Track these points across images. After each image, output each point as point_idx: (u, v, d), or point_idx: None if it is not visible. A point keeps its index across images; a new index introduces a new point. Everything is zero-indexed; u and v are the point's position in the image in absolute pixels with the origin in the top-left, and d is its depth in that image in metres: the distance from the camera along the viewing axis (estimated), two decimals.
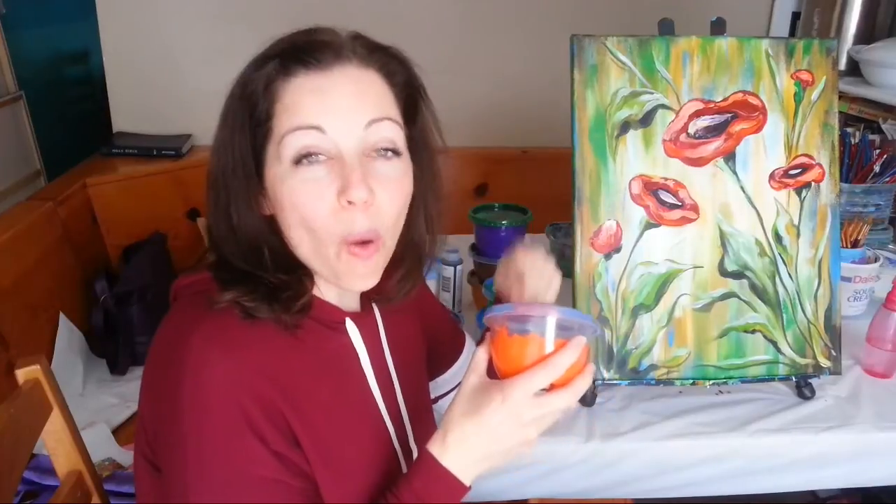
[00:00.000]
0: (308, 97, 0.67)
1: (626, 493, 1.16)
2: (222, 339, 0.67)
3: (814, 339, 1.22)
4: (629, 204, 1.18)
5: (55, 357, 1.51)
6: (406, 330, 0.90)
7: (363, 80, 0.70)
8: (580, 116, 1.17)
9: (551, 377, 0.67)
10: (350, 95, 0.68)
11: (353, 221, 0.68)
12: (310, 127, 0.67)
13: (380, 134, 0.70)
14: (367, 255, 0.70)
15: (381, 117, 0.70)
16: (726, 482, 1.16)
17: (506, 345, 0.69)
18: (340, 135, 0.68)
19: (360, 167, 0.67)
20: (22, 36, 2.22)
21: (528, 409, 0.67)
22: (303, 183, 0.67)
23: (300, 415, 0.69)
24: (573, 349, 0.67)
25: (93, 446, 0.99)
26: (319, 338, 0.75)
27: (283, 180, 0.68)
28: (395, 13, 2.32)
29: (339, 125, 0.67)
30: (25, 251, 1.56)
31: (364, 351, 0.79)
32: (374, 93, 0.70)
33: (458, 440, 0.68)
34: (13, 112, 2.12)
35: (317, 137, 0.67)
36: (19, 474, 0.85)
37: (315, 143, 0.67)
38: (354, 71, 0.69)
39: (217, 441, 0.65)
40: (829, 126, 1.22)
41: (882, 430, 1.16)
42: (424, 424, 0.88)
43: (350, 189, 0.66)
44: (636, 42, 1.18)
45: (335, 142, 0.67)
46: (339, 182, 0.67)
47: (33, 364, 0.88)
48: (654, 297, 1.18)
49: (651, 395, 1.22)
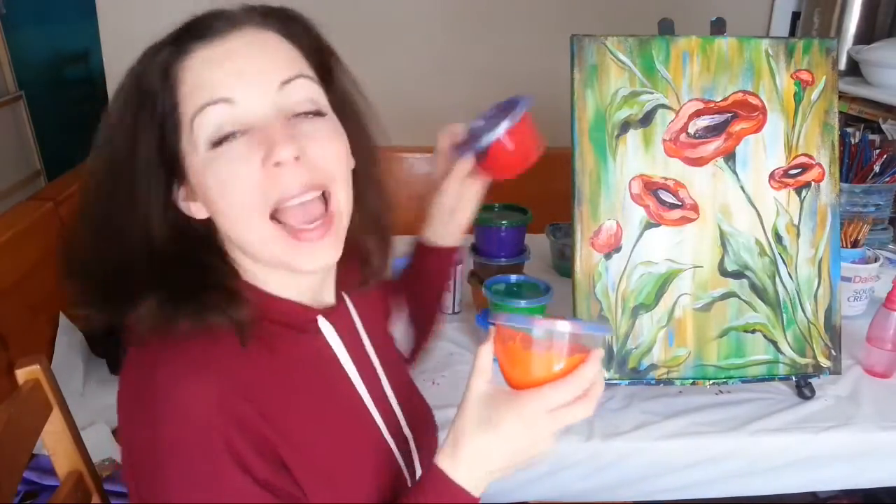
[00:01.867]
0: (209, 70, 0.61)
1: (626, 495, 1.16)
2: (186, 365, 0.61)
3: (814, 339, 1.22)
4: (629, 204, 1.18)
5: (55, 357, 1.51)
6: (376, 305, 0.86)
7: (266, 42, 0.64)
8: (580, 116, 1.17)
9: (574, 394, 0.63)
10: (254, 57, 0.62)
11: (285, 182, 0.61)
12: (218, 100, 0.61)
13: (297, 95, 0.63)
14: (317, 237, 0.64)
15: (293, 76, 0.63)
16: (726, 482, 1.16)
17: (521, 356, 0.65)
18: (253, 102, 0.61)
19: (283, 127, 0.61)
20: (22, 36, 2.22)
21: (546, 423, 0.63)
22: (225, 163, 0.61)
23: (283, 432, 0.64)
24: (593, 364, 0.63)
25: (93, 446, 0.99)
26: (291, 343, 0.69)
27: (203, 167, 0.62)
28: (395, 13, 2.32)
29: (249, 92, 0.61)
30: (25, 251, 1.56)
31: (342, 349, 0.74)
32: (280, 53, 0.64)
33: (472, 454, 0.64)
34: (13, 112, 2.13)
35: (227, 110, 0.61)
36: (19, 474, 0.85)
37: (227, 117, 0.61)
38: (254, 34, 0.64)
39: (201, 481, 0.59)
40: (829, 126, 1.22)
41: (882, 430, 1.16)
42: (416, 407, 0.86)
43: (275, 148, 0.60)
44: (636, 42, 1.18)
45: (249, 110, 0.61)
46: (262, 149, 0.60)
47: (33, 364, 0.88)
48: (654, 296, 1.18)
49: (651, 395, 1.22)
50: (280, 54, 0.64)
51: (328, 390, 0.72)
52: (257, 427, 0.61)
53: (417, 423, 0.83)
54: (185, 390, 0.60)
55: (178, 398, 0.59)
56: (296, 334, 0.70)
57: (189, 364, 0.61)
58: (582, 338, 0.65)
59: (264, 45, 0.64)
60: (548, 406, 0.62)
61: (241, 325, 0.64)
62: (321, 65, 0.69)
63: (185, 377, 0.60)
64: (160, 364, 0.61)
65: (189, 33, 0.63)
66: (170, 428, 0.59)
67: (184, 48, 0.62)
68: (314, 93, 0.65)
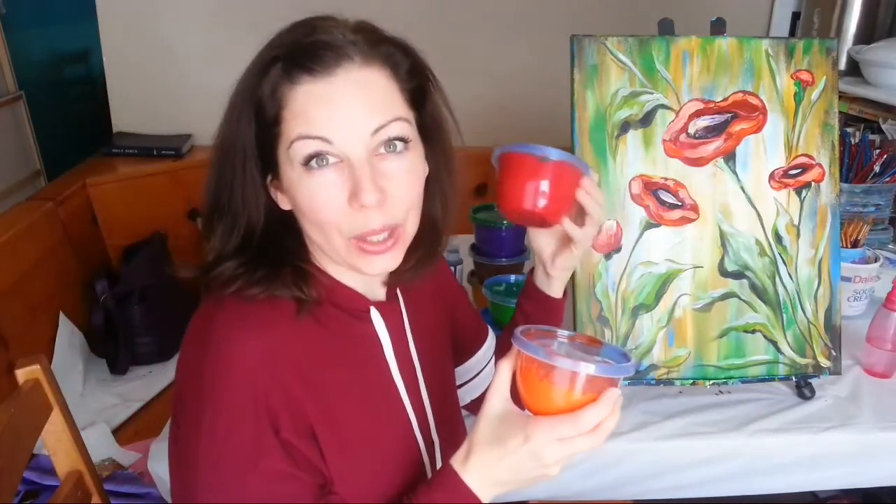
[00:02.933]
0: (313, 107, 0.68)
1: (626, 494, 1.16)
2: (245, 319, 0.69)
3: (814, 339, 1.22)
4: (629, 204, 1.18)
5: (55, 357, 1.51)
6: (431, 319, 0.90)
7: (368, 83, 0.69)
8: (580, 116, 1.17)
9: (580, 430, 0.65)
10: (356, 103, 0.68)
11: (367, 221, 0.69)
12: (316, 138, 0.68)
13: (388, 134, 0.70)
14: (383, 250, 0.71)
15: (388, 121, 0.69)
16: (726, 482, 1.16)
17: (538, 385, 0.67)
18: (347, 144, 0.68)
19: (370, 170, 0.68)
20: (22, 36, 2.22)
21: (552, 451, 0.66)
22: (316, 188, 0.69)
23: (319, 401, 0.70)
24: (605, 405, 0.65)
25: (93, 446, 0.99)
26: (342, 325, 0.76)
27: (297, 183, 0.69)
28: (395, 13, 2.32)
29: (345, 135, 0.68)
30: (25, 251, 1.56)
31: (388, 340, 0.80)
32: (378, 95, 0.70)
33: (480, 464, 0.69)
34: (13, 112, 2.13)
35: (324, 146, 0.68)
36: (19, 474, 0.85)
37: (323, 150, 0.68)
38: (357, 73, 0.68)
39: (231, 421, 0.66)
40: (829, 126, 1.22)
41: (882, 430, 1.16)
42: (449, 415, 0.89)
43: (361, 194, 0.67)
44: (636, 42, 1.18)
45: (342, 148, 0.68)
46: (349, 185, 0.68)
47: (33, 364, 0.88)
48: (654, 297, 1.18)
49: (651, 395, 1.22)
50: (378, 96, 0.70)
51: (369, 376, 0.78)
52: (295, 389, 0.69)
53: (449, 432, 0.86)
54: (238, 339, 0.68)
55: (228, 343, 0.67)
56: (349, 319, 0.77)
57: (247, 319, 0.69)
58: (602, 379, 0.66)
59: (365, 87, 0.69)
60: (556, 436, 0.66)
61: (303, 301, 0.72)
62: (416, 87, 0.75)
63: (241, 329, 0.68)
64: (221, 311, 0.70)
65: (297, 58, 0.68)
66: (213, 369, 0.67)
67: (292, 74, 0.68)
68: (402, 130, 0.71)
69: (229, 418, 0.67)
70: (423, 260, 0.81)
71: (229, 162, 0.72)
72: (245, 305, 0.70)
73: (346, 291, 0.77)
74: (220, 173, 0.73)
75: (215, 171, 0.73)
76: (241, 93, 0.71)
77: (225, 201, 0.73)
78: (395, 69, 0.72)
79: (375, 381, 0.79)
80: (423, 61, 0.75)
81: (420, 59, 0.75)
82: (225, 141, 0.72)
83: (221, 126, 0.73)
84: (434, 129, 0.78)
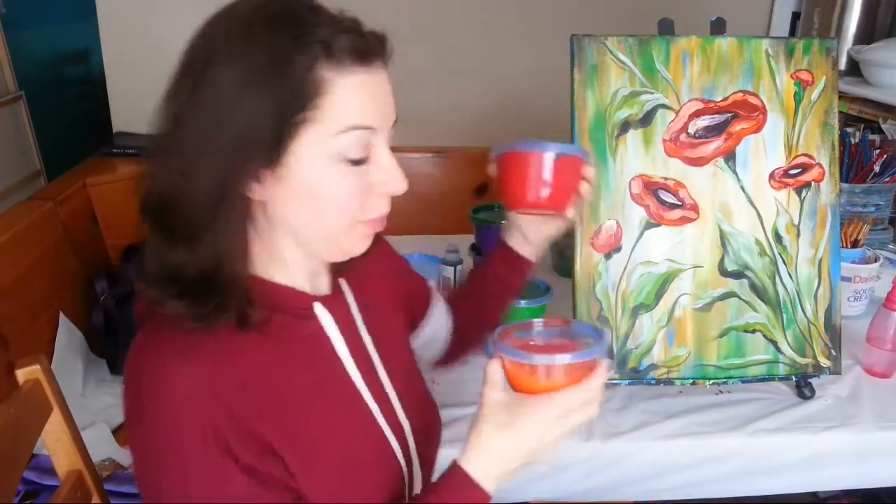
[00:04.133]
0: (366, 97, 0.68)
1: (626, 495, 1.16)
2: (176, 351, 0.65)
3: (814, 339, 1.22)
4: (629, 204, 1.18)
5: (55, 357, 1.51)
6: (381, 295, 0.88)
7: (388, 76, 0.72)
8: (580, 116, 1.17)
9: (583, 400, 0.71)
10: (389, 93, 0.71)
11: (382, 205, 0.72)
12: (367, 127, 0.68)
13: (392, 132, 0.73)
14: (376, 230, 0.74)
15: (396, 117, 0.73)
16: (726, 482, 1.16)
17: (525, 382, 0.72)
18: (382, 135, 0.70)
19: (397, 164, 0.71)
20: (22, 36, 2.22)
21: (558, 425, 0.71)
22: (346, 178, 0.68)
23: (272, 418, 0.67)
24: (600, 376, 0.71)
25: (93, 446, 0.99)
26: (286, 328, 0.73)
27: (323, 173, 0.67)
28: (395, 13, 2.32)
29: (384, 125, 0.70)
30: (25, 251, 1.56)
31: (337, 334, 0.77)
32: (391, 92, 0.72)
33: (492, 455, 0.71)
34: (13, 112, 2.12)
35: (368, 137, 0.69)
36: (19, 474, 0.85)
37: (366, 142, 0.69)
38: (383, 68, 0.71)
39: (187, 463, 0.63)
40: (829, 126, 1.22)
41: (882, 430, 1.16)
42: (417, 398, 0.87)
43: (396, 182, 0.71)
44: (636, 42, 1.18)
45: (378, 140, 0.70)
46: (381, 175, 0.70)
47: (33, 364, 0.88)
48: (654, 296, 1.18)
49: (651, 395, 1.22)
50: (392, 94, 0.72)
51: (323, 375, 0.76)
52: (244, 412, 0.65)
53: (417, 412, 0.85)
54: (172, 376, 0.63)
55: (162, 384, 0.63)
56: (292, 320, 0.74)
57: (180, 351, 0.65)
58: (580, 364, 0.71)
59: (388, 81, 0.71)
60: (560, 410, 0.70)
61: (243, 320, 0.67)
62: None
63: (174, 363, 0.64)
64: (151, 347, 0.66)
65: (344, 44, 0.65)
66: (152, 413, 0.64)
67: (341, 61, 0.65)
68: None
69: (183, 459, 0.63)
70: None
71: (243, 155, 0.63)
72: (180, 336, 0.65)
73: (286, 292, 0.74)
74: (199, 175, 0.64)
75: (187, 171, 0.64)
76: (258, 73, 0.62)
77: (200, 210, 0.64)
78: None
79: (330, 380, 0.76)
80: None
81: None
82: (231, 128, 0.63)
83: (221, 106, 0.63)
84: None
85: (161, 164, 0.66)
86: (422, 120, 2.29)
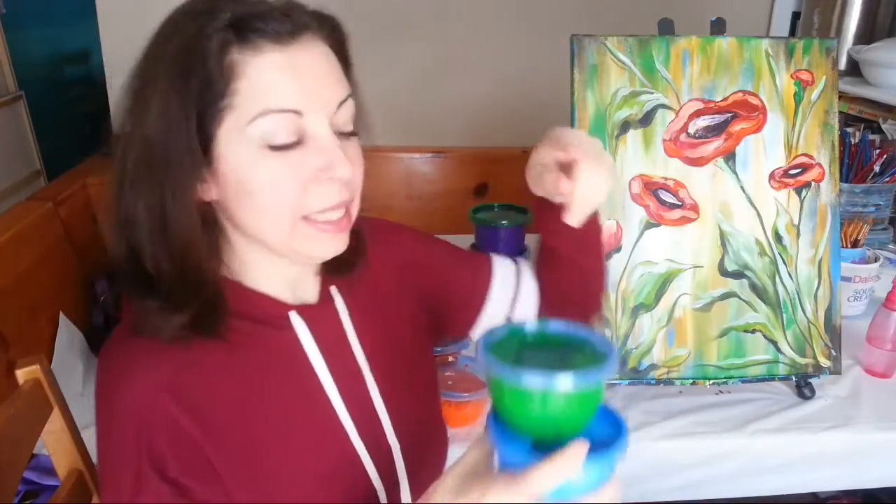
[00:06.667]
0: (282, 77, 0.62)
1: (626, 495, 1.15)
2: (125, 361, 0.65)
3: (814, 339, 1.22)
4: (629, 204, 1.18)
5: (55, 357, 1.51)
6: (387, 300, 0.83)
7: (325, 57, 0.66)
8: (580, 116, 1.17)
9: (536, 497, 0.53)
10: (320, 74, 0.64)
11: (329, 194, 0.65)
12: (287, 110, 0.62)
13: (345, 114, 0.67)
14: (336, 230, 0.67)
15: (346, 96, 0.66)
16: (726, 482, 1.16)
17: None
18: (315, 117, 0.64)
19: (341, 146, 0.65)
20: (22, 36, 2.22)
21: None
22: (278, 167, 0.63)
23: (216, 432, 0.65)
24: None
25: (93, 446, 0.98)
26: (254, 337, 0.70)
27: (251, 164, 0.63)
28: (395, 13, 2.32)
29: (314, 107, 0.63)
30: (25, 251, 1.56)
31: (314, 347, 0.72)
32: (335, 71, 0.67)
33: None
34: (13, 112, 2.12)
35: (293, 120, 0.63)
36: (19, 474, 0.85)
37: (291, 126, 0.63)
38: (317, 44, 0.65)
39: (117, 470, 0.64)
40: (829, 126, 1.22)
41: (882, 430, 1.16)
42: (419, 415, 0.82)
43: (337, 166, 0.64)
44: (636, 42, 1.18)
45: (310, 124, 0.64)
46: (317, 160, 0.64)
47: (33, 364, 0.88)
48: (654, 296, 1.18)
49: (651, 395, 1.22)
50: (335, 72, 0.66)
51: (291, 389, 0.71)
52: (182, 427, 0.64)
53: (411, 433, 0.79)
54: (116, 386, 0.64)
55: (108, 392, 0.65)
56: (265, 329, 0.71)
57: (129, 361, 0.65)
58: None
59: (325, 60, 0.65)
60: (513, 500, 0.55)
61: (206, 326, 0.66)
62: (349, 69, 0.71)
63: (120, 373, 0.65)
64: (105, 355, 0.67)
65: (253, 24, 0.61)
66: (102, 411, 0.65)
67: (250, 41, 0.61)
68: (353, 111, 0.68)
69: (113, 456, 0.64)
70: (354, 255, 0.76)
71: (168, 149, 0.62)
72: (138, 342, 0.65)
73: (260, 299, 0.71)
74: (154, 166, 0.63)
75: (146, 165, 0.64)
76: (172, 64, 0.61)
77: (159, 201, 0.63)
78: (338, 48, 0.69)
79: (300, 395, 0.71)
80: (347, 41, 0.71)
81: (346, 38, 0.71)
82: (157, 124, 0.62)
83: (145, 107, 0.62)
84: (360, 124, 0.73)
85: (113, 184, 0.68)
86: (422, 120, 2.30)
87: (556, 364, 0.56)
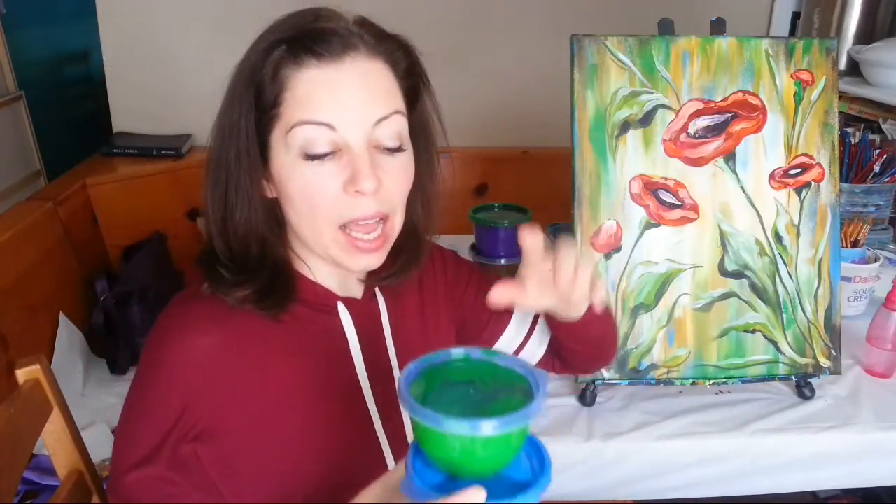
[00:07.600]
0: (319, 91, 0.68)
1: (626, 494, 1.16)
2: (182, 319, 0.71)
3: (814, 339, 1.22)
4: (629, 204, 1.18)
5: (55, 357, 1.51)
6: (427, 324, 0.88)
7: (372, 73, 0.70)
8: (580, 116, 1.17)
9: None
10: (360, 90, 0.69)
11: (359, 205, 0.70)
12: (321, 123, 0.68)
13: (388, 130, 0.70)
14: (371, 250, 0.72)
15: (389, 113, 0.70)
16: (726, 482, 1.16)
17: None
18: (350, 131, 0.69)
19: (369, 158, 0.69)
20: (22, 36, 2.22)
21: None
22: (312, 175, 0.69)
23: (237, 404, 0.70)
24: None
25: (93, 446, 0.99)
26: (305, 319, 0.76)
27: (291, 169, 0.70)
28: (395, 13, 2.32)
29: (349, 121, 0.68)
30: (25, 251, 1.56)
31: (354, 336, 0.79)
32: (382, 87, 0.71)
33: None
34: (13, 112, 2.12)
35: (326, 133, 0.68)
36: (19, 474, 0.85)
37: (324, 137, 0.68)
38: (363, 63, 0.69)
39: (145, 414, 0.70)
40: (829, 126, 1.22)
41: (882, 430, 1.16)
42: None
43: (360, 179, 0.68)
44: (636, 42, 1.18)
45: (344, 137, 0.69)
46: (347, 172, 0.69)
47: (33, 364, 0.88)
48: (654, 296, 1.18)
49: (651, 395, 1.22)
50: (382, 87, 0.71)
51: (327, 370, 0.77)
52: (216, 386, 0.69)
53: None
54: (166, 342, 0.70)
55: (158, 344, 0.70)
56: (313, 313, 0.77)
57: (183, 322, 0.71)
58: None
59: (371, 77, 0.70)
60: None
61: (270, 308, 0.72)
62: (411, 87, 0.76)
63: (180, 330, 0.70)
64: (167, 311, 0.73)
65: (304, 42, 0.68)
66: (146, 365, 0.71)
67: (298, 57, 0.68)
68: (401, 127, 0.72)
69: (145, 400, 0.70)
70: (405, 266, 0.82)
71: (229, 149, 0.71)
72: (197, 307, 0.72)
73: (316, 288, 0.78)
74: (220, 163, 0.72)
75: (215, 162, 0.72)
76: (241, 76, 0.70)
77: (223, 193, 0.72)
78: (395, 66, 0.73)
79: (334, 377, 0.77)
80: (420, 62, 0.76)
81: (418, 59, 0.76)
82: (224, 127, 0.71)
83: (221, 112, 0.72)
84: (421, 132, 0.79)
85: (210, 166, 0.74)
86: None
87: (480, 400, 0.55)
